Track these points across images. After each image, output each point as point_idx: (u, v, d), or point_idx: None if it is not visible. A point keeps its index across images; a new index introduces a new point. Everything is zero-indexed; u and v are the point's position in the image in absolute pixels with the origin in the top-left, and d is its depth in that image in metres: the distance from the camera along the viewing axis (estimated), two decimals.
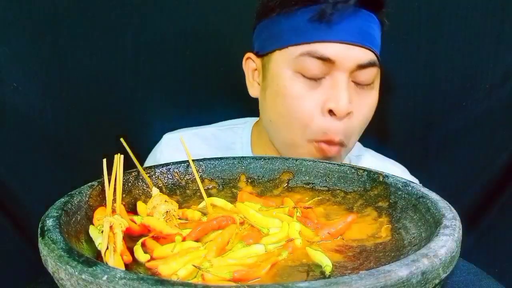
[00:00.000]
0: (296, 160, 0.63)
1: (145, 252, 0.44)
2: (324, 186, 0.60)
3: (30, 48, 0.92)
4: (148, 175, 0.57)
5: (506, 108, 0.96)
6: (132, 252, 0.43)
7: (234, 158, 0.63)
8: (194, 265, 0.40)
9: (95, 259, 0.36)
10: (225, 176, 0.62)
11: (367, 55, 0.71)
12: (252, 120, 0.92)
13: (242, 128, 0.91)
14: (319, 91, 0.71)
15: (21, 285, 0.67)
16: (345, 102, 0.69)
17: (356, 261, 0.43)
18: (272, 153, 0.81)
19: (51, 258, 0.36)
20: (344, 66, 0.70)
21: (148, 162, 0.92)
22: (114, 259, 0.39)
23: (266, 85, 0.77)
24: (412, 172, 0.92)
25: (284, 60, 0.73)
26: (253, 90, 0.82)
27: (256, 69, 0.81)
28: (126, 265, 0.40)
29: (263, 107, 0.79)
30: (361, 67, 0.71)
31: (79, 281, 0.33)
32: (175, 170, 0.60)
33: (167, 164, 0.61)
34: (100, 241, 0.43)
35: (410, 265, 0.33)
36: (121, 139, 0.55)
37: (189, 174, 0.61)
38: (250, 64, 0.81)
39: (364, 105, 0.74)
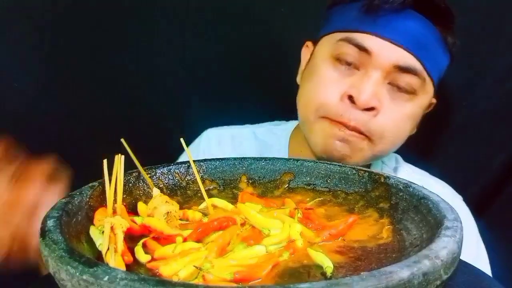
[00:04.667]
0: (297, 161, 0.63)
1: (146, 252, 0.44)
2: (325, 187, 0.60)
3: (30, 48, 0.91)
4: (148, 175, 0.57)
5: (506, 108, 0.96)
6: (133, 253, 0.43)
7: (235, 159, 0.63)
8: (195, 266, 0.40)
9: (96, 259, 0.36)
10: (226, 177, 0.62)
11: (407, 59, 0.68)
12: (293, 123, 0.89)
13: (282, 129, 0.90)
14: (348, 80, 0.70)
15: (21, 286, 0.66)
16: (367, 94, 0.67)
17: (357, 262, 0.43)
18: (307, 157, 0.76)
19: (52, 259, 0.36)
20: (379, 62, 0.68)
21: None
22: (115, 260, 0.39)
23: (307, 68, 0.78)
24: None
25: (327, 44, 0.74)
26: (299, 77, 0.81)
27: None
28: (127, 266, 0.40)
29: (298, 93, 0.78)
30: (399, 69, 0.68)
31: (80, 281, 0.33)
32: (176, 170, 0.60)
33: (167, 165, 0.61)
34: (101, 242, 0.43)
35: (412, 266, 0.33)
36: (122, 140, 0.55)
37: (190, 175, 0.60)
38: (307, 51, 0.81)
39: (397, 111, 0.71)
